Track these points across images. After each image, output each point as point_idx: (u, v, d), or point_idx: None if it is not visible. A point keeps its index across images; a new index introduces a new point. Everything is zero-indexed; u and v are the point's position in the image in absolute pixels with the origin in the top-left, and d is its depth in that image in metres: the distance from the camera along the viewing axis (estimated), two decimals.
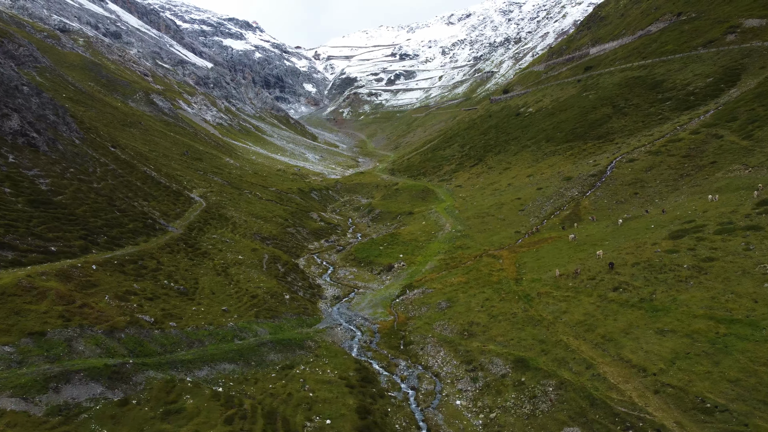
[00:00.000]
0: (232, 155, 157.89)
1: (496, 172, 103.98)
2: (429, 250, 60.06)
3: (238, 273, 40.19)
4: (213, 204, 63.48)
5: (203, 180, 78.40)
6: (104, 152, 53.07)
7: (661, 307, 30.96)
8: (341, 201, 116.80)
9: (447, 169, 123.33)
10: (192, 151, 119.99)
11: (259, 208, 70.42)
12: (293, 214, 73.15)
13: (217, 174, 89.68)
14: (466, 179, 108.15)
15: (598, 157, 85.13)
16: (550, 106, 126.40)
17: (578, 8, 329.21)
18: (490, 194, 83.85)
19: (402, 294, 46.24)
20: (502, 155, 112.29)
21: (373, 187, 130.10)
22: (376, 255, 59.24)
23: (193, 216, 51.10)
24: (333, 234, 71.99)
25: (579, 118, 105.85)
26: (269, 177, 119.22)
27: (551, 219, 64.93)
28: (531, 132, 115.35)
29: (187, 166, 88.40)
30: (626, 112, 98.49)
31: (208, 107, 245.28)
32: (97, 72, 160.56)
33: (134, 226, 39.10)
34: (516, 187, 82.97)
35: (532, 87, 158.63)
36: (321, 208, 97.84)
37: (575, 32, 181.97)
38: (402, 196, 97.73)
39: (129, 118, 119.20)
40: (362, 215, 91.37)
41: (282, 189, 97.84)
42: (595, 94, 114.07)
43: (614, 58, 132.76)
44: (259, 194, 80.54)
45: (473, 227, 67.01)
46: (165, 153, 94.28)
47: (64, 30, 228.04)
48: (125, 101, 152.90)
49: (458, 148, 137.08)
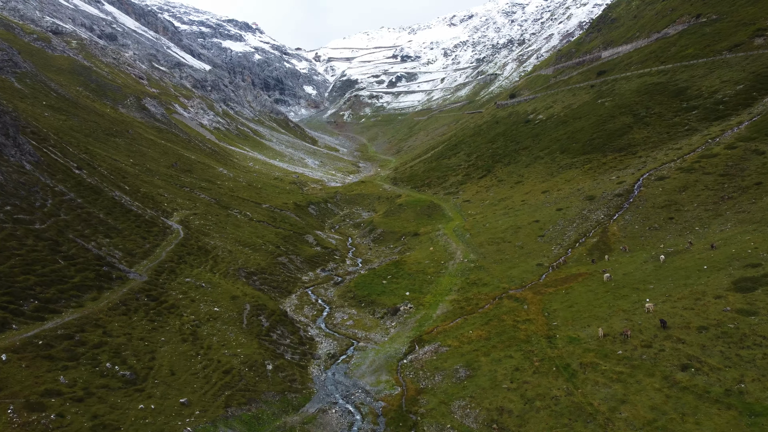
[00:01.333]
0: (227, 163, 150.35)
1: (507, 185, 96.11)
2: (439, 286, 52.27)
3: (210, 334, 32.59)
4: (194, 231, 55.78)
5: (188, 199, 70.70)
6: (64, 177, 45.43)
7: (761, 409, 23.21)
8: (341, 215, 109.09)
9: (453, 180, 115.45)
10: (182, 161, 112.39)
11: (247, 233, 62.72)
12: (286, 238, 65.39)
13: (205, 190, 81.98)
14: (474, 193, 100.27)
15: (621, 172, 77.29)
16: (562, 114, 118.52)
17: (583, 9, 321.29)
18: (503, 213, 75.99)
19: (410, 351, 38.45)
20: (512, 166, 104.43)
21: (375, 198, 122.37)
22: (378, 292, 51.46)
23: (166, 252, 43.44)
24: (330, 260, 64.26)
25: (596, 127, 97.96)
26: (264, 189, 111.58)
27: (576, 248, 57.10)
28: (543, 142, 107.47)
29: (173, 181, 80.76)
30: (648, 121, 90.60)
31: (205, 111, 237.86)
32: (87, 76, 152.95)
33: (82, 279, 31.55)
34: (532, 206, 75.12)
35: (541, 92, 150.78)
36: (319, 226, 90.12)
37: (584, 34, 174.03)
38: (406, 213, 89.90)
39: (116, 126, 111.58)
40: (363, 234, 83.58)
41: (276, 205, 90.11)
42: (611, 101, 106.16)
43: (629, 62, 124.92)
44: (250, 214, 72.76)
45: (488, 256, 59.20)
46: (150, 167, 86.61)
47: (57, 32, 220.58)
48: (115, 107, 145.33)
49: (464, 157, 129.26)
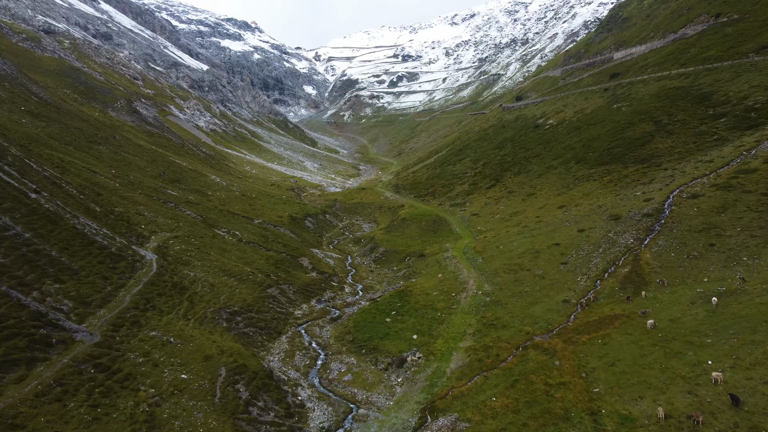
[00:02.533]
0: (221, 169, 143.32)
1: (518, 197, 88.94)
2: (451, 326, 45.26)
3: (172, 417, 25.69)
4: (172, 260, 48.78)
5: (171, 217, 63.64)
6: (13, 205, 38.46)
7: None
8: (340, 227, 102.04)
9: (459, 189, 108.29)
10: (172, 169, 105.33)
11: (234, 259, 55.76)
12: (278, 264, 58.39)
13: (192, 205, 74.88)
14: (482, 205, 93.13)
15: (646, 187, 70.12)
16: (574, 119, 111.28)
17: (588, 8, 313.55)
18: (518, 233, 68.84)
19: (422, 425, 31.49)
20: (523, 176, 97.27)
21: (376, 208, 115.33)
22: (381, 335, 44.47)
23: (131, 296, 36.53)
24: (327, 288, 57.33)
25: (613, 135, 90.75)
26: (259, 199, 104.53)
27: (606, 279, 50.04)
28: (555, 149, 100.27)
29: (157, 195, 73.69)
30: (671, 130, 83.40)
31: (202, 112, 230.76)
32: (75, 78, 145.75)
33: (6, 352, 24.66)
34: (549, 225, 67.98)
35: (550, 95, 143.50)
36: (315, 242, 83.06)
37: (594, 34, 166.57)
38: (410, 228, 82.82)
39: (101, 132, 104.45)
40: (364, 252, 76.53)
41: (270, 219, 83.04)
42: (629, 106, 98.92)
43: (645, 64, 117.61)
44: (239, 233, 65.73)
45: (504, 288, 52.15)
46: (133, 178, 79.52)
47: (49, 31, 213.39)
48: (105, 110, 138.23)
49: (470, 163, 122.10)
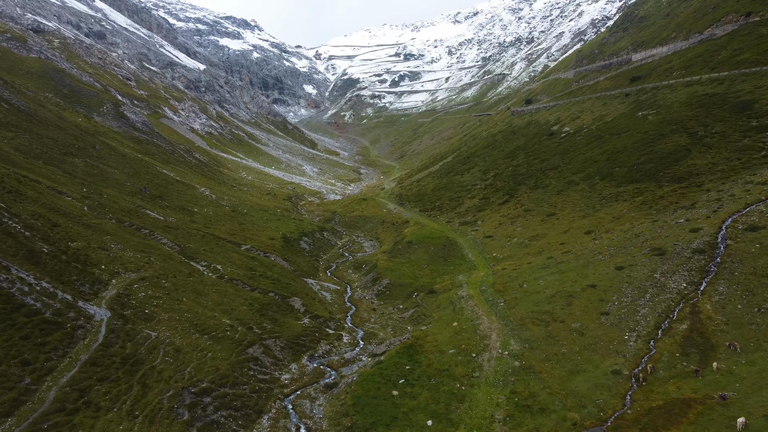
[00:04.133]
0: (214, 177, 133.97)
1: (537, 218, 79.40)
2: (474, 406, 35.98)
3: None
4: (132, 315, 39.60)
5: (142, 249, 54.31)
6: None
7: None
8: (338, 246, 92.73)
9: (469, 204, 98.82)
10: (157, 182, 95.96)
11: (212, 305, 46.54)
12: (264, 308, 49.15)
13: (170, 230, 65.51)
14: (496, 225, 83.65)
15: (689, 212, 60.52)
16: (593, 127, 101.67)
17: (595, 6, 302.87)
18: (542, 265, 59.35)
19: None
20: (540, 192, 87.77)
21: (378, 222, 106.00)
22: (387, 420, 35.18)
23: (58, 389, 27.44)
24: (322, 338, 48.15)
25: (642, 148, 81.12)
26: (251, 214, 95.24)
27: (661, 339, 40.59)
28: (575, 162, 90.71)
29: (131, 219, 64.31)
30: (709, 143, 73.78)
31: (197, 114, 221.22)
32: (59, 80, 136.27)
33: None
34: (578, 257, 58.49)
35: (563, 98, 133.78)
36: (311, 269, 73.78)
37: (608, 34, 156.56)
38: (416, 254, 73.50)
39: (79, 142, 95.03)
40: (365, 283, 67.29)
41: (260, 244, 73.69)
42: (656, 114, 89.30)
43: (668, 67, 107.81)
44: (221, 267, 56.50)
45: (536, 346, 42.78)
46: (106, 198, 70.10)
47: (38, 30, 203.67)
48: (89, 115, 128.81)
49: (479, 174, 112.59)
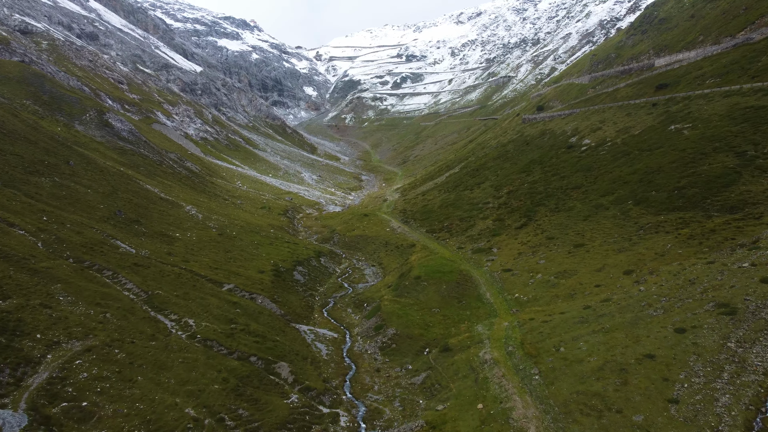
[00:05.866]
0: (204, 190, 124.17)
1: (563, 248, 69.18)
2: None
3: None
4: (60, 415, 30.00)
5: (98, 301, 44.43)
6: None
7: None
8: (338, 274, 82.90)
9: (481, 226, 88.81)
10: (136, 201, 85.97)
11: (174, 384, 36.80)
12: (242, 384, 39.35)
13: (140, 268, 55.63)
14: (515, 255, 73.49)
15: (752, 254, 50.08)
16: (618, 141, 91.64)
17: (603, 7, 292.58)
18: (579, 318, 49.25)
19: None
20: (563, 216, 77.71)
21: (381, 244, 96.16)
22: None
23: None
24: (314, 423, 38.38)
25: (681, 168, 71.02)
26: (240, 238, 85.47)
27: None
28: (602, 181, 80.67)
29: (93, 256, 54.41)
30: (763, 165, 63.49)
31: (192, 119, 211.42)
32: (39, 86, 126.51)
33: None
34: (622, 307, 48.34)
35: (579, 106, 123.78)
36: (304, 309, 63.91)
37: (624, 36, 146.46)
38: (426, 292, 63.64)
39: (50, 158, 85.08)
40: (367, 331, 57.52)
41: (246, 282, 63.72)
42: (692, 129, 79.28)
43: (699, 74, 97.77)
44: (194, 322, 46.58)
45: None
46: (69, 229, 60.17)
47: (26, 32, 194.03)
48: (70, 124, 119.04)
49: (491, 190, 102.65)
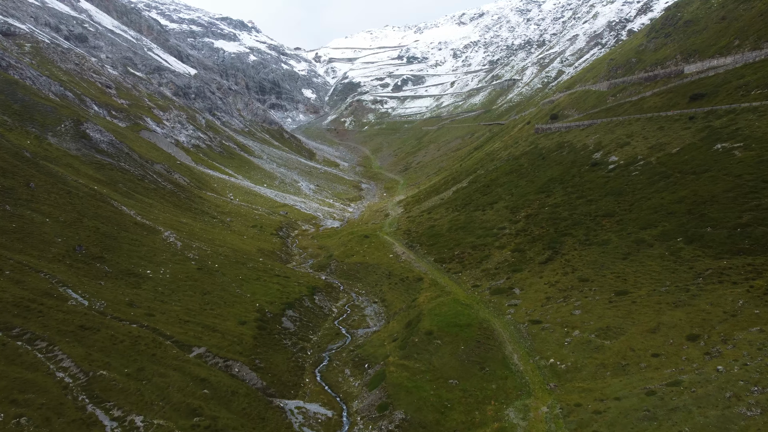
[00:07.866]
0: (190, 208, 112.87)
1: (602, 294, 57.55)
2: None
3: None
4: None
5: (12, 398, 33.14)
6: None
7: None
8: (334, 316, 71.65)
9: (498, 258, 77.50)
10: (105, 229, 74.21)
11: None
12: None
13: (87, 332, 44.40)
14: (543, 299, 61.98)
15: None
16: (652, 160, 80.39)
17: (611, 8, 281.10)
18: (640, 408, 37.81)
19: None
20: (596, 251, 66.22)
21: (384, 275, 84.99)
22: None
23: None
24: None
25: (739, 199, 59.75)
26: (222, 272, 74.21)
27: None
28: (640, 210, 69.32)
29: (24, 326, 43.12)
30: None
31: (184, 125, 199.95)
32: (10, 94, 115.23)
33: None
34: (699, 399, 36.77)
35: (599, 117, 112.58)
36: (292, 375, 52.63)
37: (645, 39, 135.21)
38: (440, 356, 52.28)
39: (6, 181, 73.40)
40: (369, 409, 46.37)
41: (222, 343, 52.27)
42: (745, 149, 67.99)
43: (741, 84, 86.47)
44: (143, 421, 35.76)
45: None
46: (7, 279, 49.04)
47: (8, 33, 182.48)
48: (42, 136, 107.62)
49: (506, 212, 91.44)
